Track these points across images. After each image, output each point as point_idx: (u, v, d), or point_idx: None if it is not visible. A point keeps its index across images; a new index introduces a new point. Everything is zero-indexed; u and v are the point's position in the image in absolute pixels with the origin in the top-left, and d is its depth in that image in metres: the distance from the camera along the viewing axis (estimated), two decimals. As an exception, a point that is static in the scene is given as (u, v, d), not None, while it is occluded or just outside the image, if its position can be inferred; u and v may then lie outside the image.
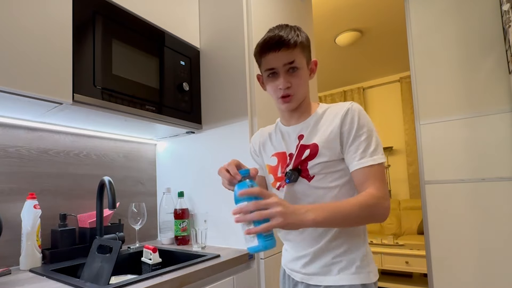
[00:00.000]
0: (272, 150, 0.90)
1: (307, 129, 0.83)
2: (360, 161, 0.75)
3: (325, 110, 0.83)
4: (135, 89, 1.12)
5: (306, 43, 0.82)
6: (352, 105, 0.80)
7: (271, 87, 0.82)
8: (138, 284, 0.80)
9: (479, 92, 1.57)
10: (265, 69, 0.81)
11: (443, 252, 1.63)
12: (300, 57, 0.79)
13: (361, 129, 0.77)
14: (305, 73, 0.82)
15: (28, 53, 0.84)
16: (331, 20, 2.82)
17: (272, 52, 0.78)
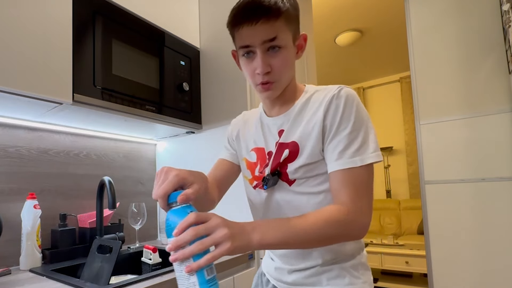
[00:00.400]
0: (252, 144, 0.76)
1: (288, 122, 0.68)
2: (336, 162, 0.60)
3: (310, 96, 0.69)
4: (135, 89, 1.12)
5: (293, 11, 0.64)
6: (339, 90, 0.64)
7: (247, 69, 0.65)
8: (138, 284, 0.80)
9: (479, 92, 1.57)
10: (239, 46, 0.64)
11: (443, 252, 1.63)
12: (284, 31, 0.62)
13: (345, 121, 0.61)
14: (290, 52, 0.64)
15: (28, 53, 0.84)
16: (331, 20, 2.82)
17: (247, 24, 0.60)
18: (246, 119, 0.82)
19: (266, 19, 0.59)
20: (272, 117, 0.72)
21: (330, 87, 0.67)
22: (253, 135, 0.76)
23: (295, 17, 0.65)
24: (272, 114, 0.73)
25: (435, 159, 1.68)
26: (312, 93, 0.69)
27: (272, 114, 0.73)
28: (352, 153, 0.60)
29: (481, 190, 1.54)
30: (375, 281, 3.05)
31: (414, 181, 3.91)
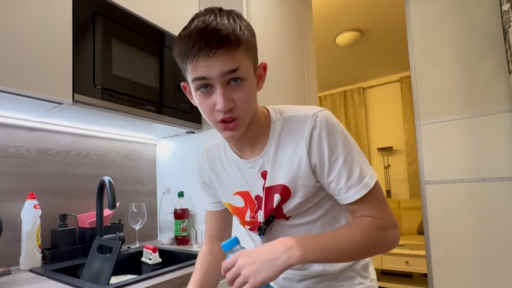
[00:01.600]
0: (232, 188, 0.70)
1: (269, 162, 0.63)
2: (347, 194, 0.58)
3: (281, 129, 0.63)
4: (135, 89, 1.12)
5: (252, 39, 0.58)
6: (315, 119, 0.59)
7: (204, 106, 0.57)
8: (138, 284, 0.80)
9: (479, 92, 1.57)
10: (192, 79, 0.55)
11: (443, 252, 1.63)
12: (245, 61, 0.55)
13: (334, 150, 0.58)
14: (252, 83, 0.58)
15: (28, 53, 0.84)
16: (331, 20, 2.82)
17: (204, 56, 0.52)
18: (212, 159, 0.74)
19: (225, 49, 0.51)
20: (247, 160, 0.66)
21: (302, 114, 0.61)
22: (231, 179, 0.70)
23: (254, 45, 0.59)
24: (245, 157, 0.66)
25: (435, 159, 1.68)
26: (282, 124, 0.63)
27: (245, 157, 0.66)
28: (356, 181, 0.58)
29: (481, 190, 1.54)
30: (375, 281, 3.05)
31: (414, 181, 3.91)
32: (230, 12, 0.56)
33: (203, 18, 0.53)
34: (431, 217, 1.68)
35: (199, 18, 0.54)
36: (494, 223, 1.50)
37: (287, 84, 1.58)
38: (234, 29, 0.53)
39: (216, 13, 0.54)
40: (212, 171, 0.74)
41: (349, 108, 4.55)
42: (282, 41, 1.57)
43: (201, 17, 0.54)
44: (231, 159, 0.69)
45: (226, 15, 0.55)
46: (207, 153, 0.75)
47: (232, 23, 0.53)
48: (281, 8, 1.59)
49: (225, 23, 0.52)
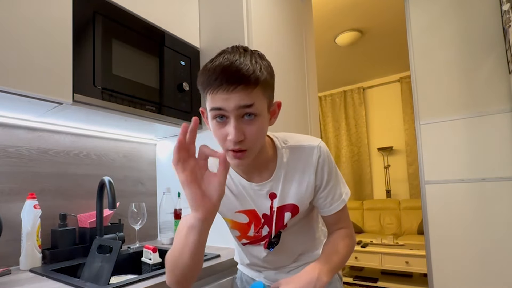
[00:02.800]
0: (236, 206, 0.75)
1: (278, 186, 0.72)
2: (331, 207, 0.76)
3: (289, 157, 0.72)
4: (135, 89, 1.12)
5: (270, 79, 0.63)
6: (320, 153, 0.71)
7: (218, 134, 0.62)
8: (138, 284, 0.80)
9: (479, 92, 1.57)
10: (210, 108, 0.61)
11: (443, 252, 1.63)
12: (261, 99, 0.60)
13: (330, 175, 0.73)
14: (265, 120, 0.63)
15: (28, 53, 0.84)
16: (331, 20, 2.82)
17: (223, 90, 0.57)
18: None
19: (243, 86, 0.57)
20: (256, 183, 0.72)
21: (307, 145, 0.72)
22: (237, 198, 0.75)
23: (271, 85, 0.65)
24: (254, 180, 0.72)
25: (435, 159, 1.68)
26: (289, 152, 0.73)
27: (254, 180, 0.72)
28: (337, 198, 0.75)
29: (481, 190, 1.54)
30: (375, 281, 3.05)
31: (414, 181, 3.91)
32: (253, 53, 0.62)
33: (228, 56, 0.59)
34: (431, 217, 1.68)
35: (225, 55, 0.60)
36: (494, 223, 1.50)
37: (287, 84, 1.58)
38: (255, 70, 0.58)
39: (241, 52, 0.61)
40: None
41: (349, 108, 4.55)
42: (282, 41, 1.57)
43: (227, 54, 0.60)
44: (237, 181, 0.74)
45: (249, 55, 0.61)
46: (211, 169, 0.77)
47: (254, 64, 0.59)
48: (281, 8, 1.59)
49: (247, 64, 0.58)
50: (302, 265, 0.84)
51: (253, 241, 0.79)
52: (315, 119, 1.81)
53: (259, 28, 1.37)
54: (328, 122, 4.74)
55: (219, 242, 1.30)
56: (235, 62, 0.57)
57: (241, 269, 0.96)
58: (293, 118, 1.59)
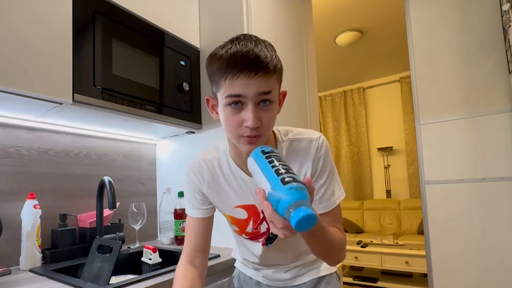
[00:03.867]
0: (235, 201, 0.75)
1: None
2: (318, 206, 0.71)
3: (287, 149, 0.72)
4: (135, 89, 1.12)
5: (282, 69, 0.66)
6: (318, 145, 0.70)
7: (232, 120, 0.61)
8: (138, 284, 0.80)
9: (479, 92, 1.57)
10: (227, 95, 0.59)
11: (443, 252, 1.63)
12: (276, 87, 0.62)
13: (324, 170, 0.71)
14: (276, 107, 0.65)
15: (28, 53, 0.84)
16: (331, 20, 2.82)
17: (244, 76, 0.57)
18: (213, 171, 0.76)
19: (263, 73, 0.58)
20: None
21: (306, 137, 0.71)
22: (236, 193, 0.74)
23: (282, 75, 0.66)
24: None
25: (435, 159, 1.68)
26: (289, 144, 0.72)
27: None
28: (327, 198, 0.71)
29: (481, 190, 1.54)
30: (375, 281, 3.05)
31: (414, 181, 3.91)
32: (265, 42, 0.63)
33: (244, 42, 0.59)
34: (431, 217, 1.68)
35: (240, 42, 0.60)
36: (494, 223, 1.50)
37: (287, 84, 1.58)
38: (272, 58, 0.60)
39: (255, 41, 0.60)
40: (214, 182, 0.76)
41: (349, 108, 4.55)
42: (282, 41, 1.57)
43: (242, 41, 0.60)
44: (237, 176, 0.73)
45: (263, 43, 0.61)
46: (206, 164, 0.76)
47: (271, 52, 0.60)
48: (281, 8, 1.59)
49: (265, 51, 0.59)
50: (300, 265, 0.84)
51: (252, 237, 0.79)
52: (315, 119, 1.81)
53: (259, 28, 1.37)
54: (328, 122, 4.74)
55: (219, 242, 1.30)
56: (253, 49, 0.58)
57: (239, 268, 0.96)
58: (293, 118, 1.59)
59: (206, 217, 0.79)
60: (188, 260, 0.77)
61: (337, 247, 0.67)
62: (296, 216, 0.43)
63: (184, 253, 0.79)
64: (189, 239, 0.79)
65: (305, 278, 0.84)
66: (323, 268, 0.86)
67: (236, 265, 0.98)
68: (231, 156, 0.73)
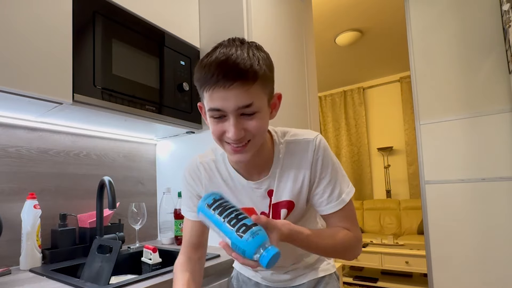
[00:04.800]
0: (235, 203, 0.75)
1: (274, 182, 0.70)
2: (327, 206, 0.69)
3: (285, 151, 0.70)
4: (135, 89, 1.12)
5: (269, 72, 0.60)
6: (316, 146, 0.68)
7: (216, 130, 0.60)
8: (138, 284, 0.80)
9: (479, 92, 1.57)
10: (208, 108, 0.58)
11: (443, 252, 1.63)
12: (260, 96, 0.58)
13: (325, 170, 0.68)
14: (265, 114, 0.61)
15: (28, 53, 0.84)
16: (331, 20, 2.82)
17: (220, 88, 0.54)
18: (210, 173, 0.75)
19: (241, 83, 0.54)
20: (254, 181, 0.70)
21: (303, 139, 0.69)
22: (235, 196, 0.73)
23: (270, 78, 0.61)
24: (253, 179, 0.71)
25: (435, 159, 1.68)
26: (285, 147, 0.70)
27: (253, 179, 0.71)
28: (337, 195, 0.69)
29: (481, 190, 1.54)
30: (375, 281, 3.05)
31: (414, 181, 3.91)
32: (250, 45, 0.59)
33: (224, 50, 0.56)
34: (431, 217, 1.68)
35: (221, 49, 0.57)
36: (494, 223, 1.50)
37: (287, 84, 1.58)
38: (252, 64, 0.55)
39: (237, 45, 0.57)
40: (211, 185, 0.75)
41: (349, 108, 4.55)
42: (282, 41, 1.57)
43: (223, 48, 0.57)
44: (236, 180, 0.73)
45: (246, 48, 0.57)
46: (204, 166, 0.75)
47: (251, 57, 0.56)
48: (281, 8, 1.59)
49: (244, 57, 0.55)
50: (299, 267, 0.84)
51: None
52: (315, 119, 1.81)
53: (259, 28, 1.37)
54: (328, 122, 4.74)
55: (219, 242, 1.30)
56: (231, 56, 0.54)
57: (237, 268, 0.96)
58: (293, 118, 1.59)
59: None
60: (186, 255, 0.78)
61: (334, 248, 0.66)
62: (263, 262, 0.50)
63: (182, 250, 0.80)
64: (186, 237, 0.81)
65: (304, 278, 0.84)
66: (322, 268, 0.86)
67: (235, 266, 0.98)
68: (228, 159, 0.73)
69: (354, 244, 0.69)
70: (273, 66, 0.63)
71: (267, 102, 0.62)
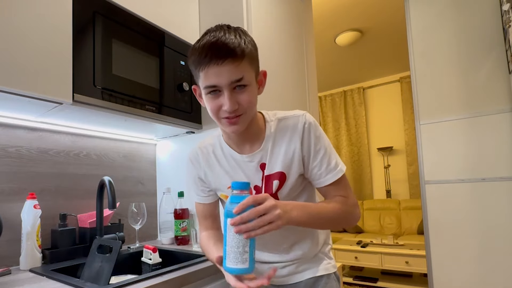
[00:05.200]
0: (228, 181, 0.79)
1: (267, 155, 0.76)
2: (326, 177, 0.74)
3: (276, 127, 0.76)
4: (135, 89, 1.12)
5: (255, 51, 0.69)
6: (305, 120, 0.74)
7: (212, 105, 0.68)
8: (138, 284, 0.80)
9: (479, 92, 1.57)
10: (204, 86, 0.66)
11: (443, 252, 1.63)
12: (248, 71, 0.66)
13: (318, 143, 0.74)
14: (254, 89, 0.70)
15: (28, 53, 0.84)
16: (331, 20, 2.82)
17: (214, 65, 0.62)
18: (207, 156, 0.83)
19: (231, 60, 0.62)
20: (246, 154, 0.77)
21: (292, 115, 0.76)
22: (228, 172, 0.79)
23: (256, 56, 0.70)
24: (245, 152, 0.77)
25: (435, 159, 1.68)
26: (277, 123, 0.77)
27: (245, 152, 0.77)
28: (333, 167, 0.74)
29: (481, 190, 1.54)
30: (375, 281, 3.05)
31: (414, 181, 3.91)
32: (236, 29, 0.67)
33: (214, 33, 0.64)
34: (431, 217, 1.68)
35: (210, 33, 0.64)
36: (494, 223, 1.50)
37: (287, 84, 1.58)
38: (240, 43, 0.63)
39: (225, 30, 0.65)
40: (208, 167, 0.83)
41: (349, 108, 4.55)
42: (282, 41, 1.57)
43: (213, 32, 0.65)
44: (229, 156, 0.79)
45: (233, 31, 0.65)
46: (202, 151, 0.84)
47: (238, 38, 0.64)
48: (281, 8, 1.59)
49: (232, 38, 0.63)
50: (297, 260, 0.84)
51: None
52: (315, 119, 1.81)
53: (259, 28, 1.37)
54: (328, 122, 4.74)
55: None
56: (221, 38, 0.62)
57: None
58: (293, 118, 1.59)
59: (210, 203, 0.87)
60: (206, 230, 0.87)
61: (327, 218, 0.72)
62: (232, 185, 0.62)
63: (200, 228, 0.90)
64: (200, 217, 0.89)
65: (303, 276, 0.84)
66: (321, 267, 0.86)
67: None
68: (224, 139, 0.80)
69: (353, 208, 0.75)
70: (257, 47, 0.71)
71: (255, 78, 0.70)
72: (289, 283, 0.85)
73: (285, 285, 0.86)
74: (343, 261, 3.18)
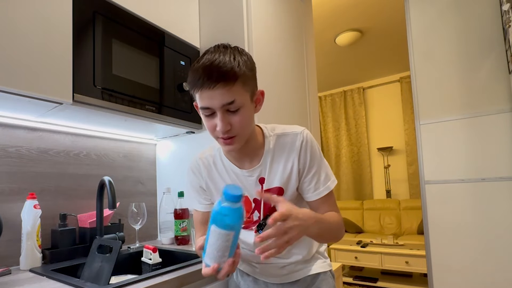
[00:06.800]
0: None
1: (266, 170, 0.78)
2: (315, 192, 0.77)
3: (275, 143, 0.78)
4: (135, 89, 1.12)
5: (250, 72, 0.69)
6: (303, 138, 0.76)
7: (208, 125, 0.71)
8: (138, 284, 0.80)
9: (479, 92, 1.57)
10: (200, 107, 0.70)
11: (443, 252, 1.63)
12: (241, 93, 0.66)
13: (313, 160, 0.77)
14: (249, 109, 0.70)
15: (28, 53, 0.84)
16: (331, 20, 2.82)
17: (206, 89, 0.64)
18: (208, 167, 0.85)
19: (223, 84, 0.63)
20: (246, 169, 0.79)
21: (291, 132, 0.78)
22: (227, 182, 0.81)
23: (251, 77, 0.70)
24: (245, 167, 0.79)
25: (435, 159, 1.68)
26: (275, 139, 0.78)
27: (245, 167, 0.79)
28: (323, 183, 0.77)
29: (481, 190, 1.54)
30: (375, 281, 3.05)
31: (414, 181, 3.91)
32: (233, 50, 0.68)
33: (210, 56, 0.66)
34: (431, 217, 1.68)
35: (207, 56, 0.66)
36: (494, 223, 1.50)
37: (287, 84, 1.58)
38: (233, 67, 0.64)
39: (221, 51, 0.66)
40: (209, 178, 0.84)
41: (349, 108, 4.55)
42: (282, 41, 1.57)
43: (209, 54, 0.66)
44: (229, 169, 0.81)
45: (229, 52, 0.67)
46: (203, 162, 0.86)
47: (232, 61, 0.65)
48: (281, 8, 1.59)
49: (226, 61, 0.64)
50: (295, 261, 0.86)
51: (245, 226, 0.83)
52: (315, 119, 1.81)
53: (259, 28, 1.37)
54: (328, 122, 4.74)
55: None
56: (215, 61, 0.64)
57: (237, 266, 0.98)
58: (293, 118, 1.59)
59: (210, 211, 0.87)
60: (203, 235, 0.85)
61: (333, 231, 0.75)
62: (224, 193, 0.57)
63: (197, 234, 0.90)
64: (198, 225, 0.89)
65: (300, 274, 0.87)
66: (317, 266, 0.89)
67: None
68: (223, 152, 0.82)
69: (342, 225, 0.79)
70: (254, 67, 0.73)
71: (250, 98, 0.70)
72: (288, 281, 0.88)
73: (284, 283, 0.88)
74: (343, 261, 3.18)
